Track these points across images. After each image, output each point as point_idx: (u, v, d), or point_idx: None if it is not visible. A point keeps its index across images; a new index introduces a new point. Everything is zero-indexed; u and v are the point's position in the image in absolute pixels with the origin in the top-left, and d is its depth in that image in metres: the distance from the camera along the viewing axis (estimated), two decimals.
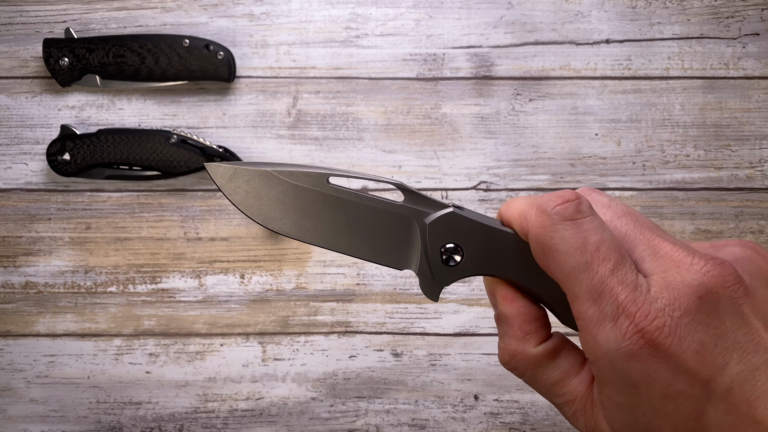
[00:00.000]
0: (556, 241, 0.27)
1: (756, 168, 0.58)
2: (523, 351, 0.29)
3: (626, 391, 0.26)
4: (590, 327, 0.26)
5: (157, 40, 0.55)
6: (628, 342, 0.25)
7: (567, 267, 0.26)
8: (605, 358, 0.26)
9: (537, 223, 0.27)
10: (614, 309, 0.26)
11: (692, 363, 0.25)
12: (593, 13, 0.57)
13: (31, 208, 0.56)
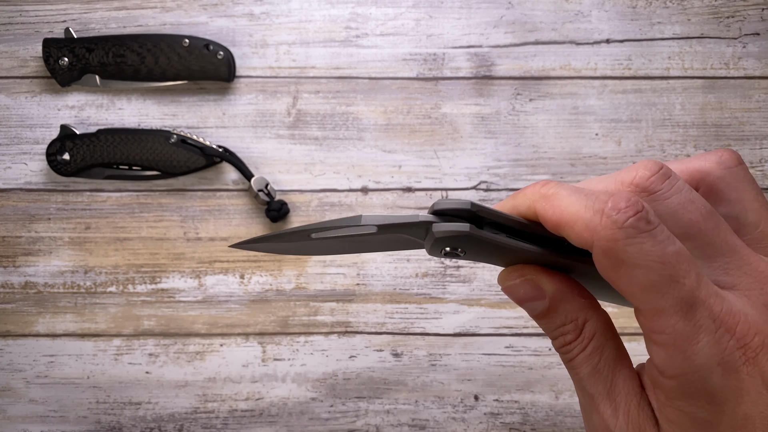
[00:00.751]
0: (633, 255, 0.24)
1: (756, 168, 0.58)
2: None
3: (710, 408, 0.24)
4: (680, 342, 0.24)
5: (157, 40, 0.55)
6: (729, 357, 0.24)
7: (647, 281, 0.24)
8: (697, 373, 0.24)
9: (607, 236, 0.24)
10: (710, 322, 0.24)
11: None
12: (593, 13, 0.57)
13: (31, 208, 0.56)
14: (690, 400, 0.25)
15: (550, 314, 0.28)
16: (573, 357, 0.28)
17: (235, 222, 0.56)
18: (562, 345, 0.28)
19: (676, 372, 0.24)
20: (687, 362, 0.24)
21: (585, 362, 0.28)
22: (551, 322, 0.28)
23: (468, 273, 0.57)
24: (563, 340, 0.28)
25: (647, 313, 0.25)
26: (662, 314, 0.24)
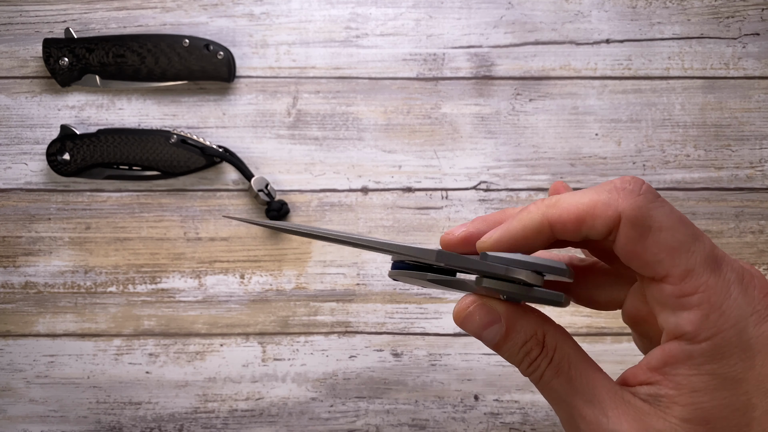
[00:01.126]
0: (659, 217, 0.25)
1: (756, 168, 0.58)
2: None
3: (743, 364, 0.24)
4: (714, 298, 0.24)
5: (157, 40, 0.55)
6: (759, 307, 0.24)
7: (675, 242, 0.25)
8: (734, 327, 0.24)
9: (633, 203, 0.25)
10: (735, 276, 0.25)
11: None
12: (593, 13, 0.57)
13: (31, 208, 0.56)
14: (723, 359, 0.24)
15: (510, 335, 0.28)
16: (543, 372, 0.28)
17: (235, 222, 0.56)
18: (529, 364, 0.28)
19: (712, 332, 0.24)
20: (723, 318, 0.24)
21: (556, 374, 0.27)
22: (513, 344, 0.28)
23: None
24: (529, 358, 0.28)
25: (677, 277, 0.25)
26: (693, 274, 0.24)
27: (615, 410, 0.26)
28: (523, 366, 0.28)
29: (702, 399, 0.25)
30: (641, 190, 0.25)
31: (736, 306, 0.24)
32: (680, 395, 0.25)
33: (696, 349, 0.25)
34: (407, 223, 0.57)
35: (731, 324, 0.24)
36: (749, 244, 0.58)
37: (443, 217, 0.57)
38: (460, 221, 0.57)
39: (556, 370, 0.27)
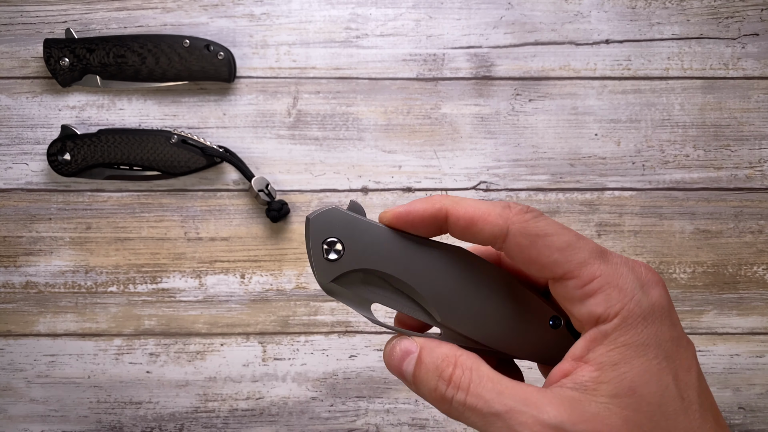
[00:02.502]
0: (544, 226, 0.29)
1: (755, 168, 0.58)
2: None
3: (647, 329, 0.27)
4: (612, 279, 0.28)
5: (158, 41, 0.55)
6: (647, 277, 0.28)
7: (563, 242, 0.28)
8: (632, 299, 0.27)
9: (520, 219, 0.29)
10: (623, 260, 0.28)
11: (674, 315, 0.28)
12: (593, 14, 0.58)
13: (32, 208, 0.56)
14: (632, 329, 0.28)
15: (422, 361, 0.30)
16: (467, 390, 0.29)
17: (235, 222, 0.57)
18: (446, 385, 0.29)
19: (617, 307, 0.28)
20: (622, 293, 0.28)
21: (481, 390, 0.29)
22: (429, 369, 0.30)
23: None
24: (444, 379, 0.29)
25: (575, 270, 0.28)
26: (587, 264, 0.28)
27: (550, 405, 0.28)
28: (440, 389, 0.29)
29: (623, 370, 0.27)
30: (527, 209, 0.29)
31: (629, 281, 0.28)
32: (603, 374, 0.27)
33: (609, 326, 0.28)
34: None
35: (629, 297, 0.28)
36: (748, 243, 0.58)
37: None
38: None
39: (480, 386, 0.29)
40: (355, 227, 0.31)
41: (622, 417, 0.27)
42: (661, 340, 0.28)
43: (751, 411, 0.58)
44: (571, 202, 0.57)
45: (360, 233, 0.31)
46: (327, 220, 0.31)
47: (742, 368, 0.58)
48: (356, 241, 0.31)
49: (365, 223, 0.31)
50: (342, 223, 0.32)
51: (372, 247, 0.32)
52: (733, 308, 0.58)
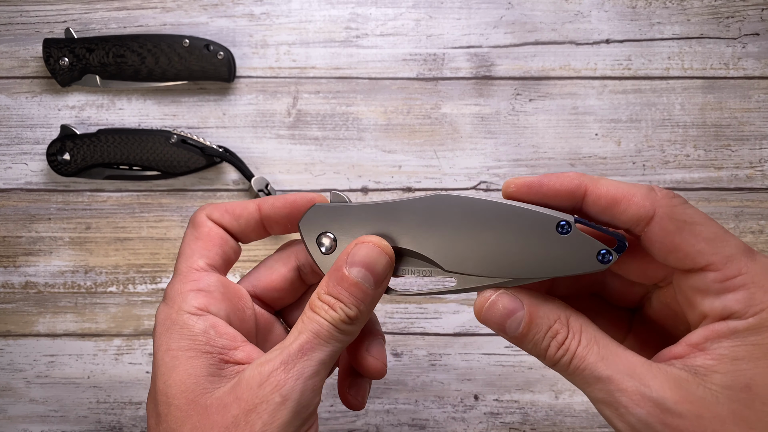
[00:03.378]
0: (692, 214, 0.28)
1: (756, 168, 0.58)
2: None
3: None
4: (758, 278, 0.27)
5: (157, 40, 0.55)
6: None
7: (711, 233, 0.28)
8: None
9: (668, 202, 0.28)
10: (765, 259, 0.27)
11: None
12: (593, 13, 0.57)
13: (31, 208, 0.56)
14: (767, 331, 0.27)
15: (534, 321, 0.29)
16: (573, 353, 0.29)
17: None
18: (557, 348, 0.29)
19: (759, 307, 0.27)
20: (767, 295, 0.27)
21: (587, 354, 0.28)
22: (537, 330, 0.29)
23: None
24: (557, 342, 0.29)
25: (719, 263, 0.27)
26: (734, 259, 0.27)
27: (655, 380, 0.27)
28: (550, 352, 0.29)
29: (744, 367, 0.26)
30: (674, 195, 0.28)
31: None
32: (720, 364, 0.27)
33: (741, 324, 0.27)
34: None
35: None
36: (749, 243, 0.58)
37: None
38: None
39: (587, 350, 0.28)
40: (339, 215, 0.33)
41: (730, 408, 0.26)
42: None
43: None
44: None
45: (346, 219, 0.33)
46: (312, 219, 0.33)
47: None
48: (345, 228, 0.33)
49: (347, 207, 0.33)
50: (327, 216, 0.33)
51: (361, 226, 0.33)
52: None
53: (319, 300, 0.32)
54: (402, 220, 0.33)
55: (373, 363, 0.35)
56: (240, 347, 0.31)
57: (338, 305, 0.31)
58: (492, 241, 0.32)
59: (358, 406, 0.36)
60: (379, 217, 0.33)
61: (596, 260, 0.30)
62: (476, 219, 0.32)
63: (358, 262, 0.31)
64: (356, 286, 0.31)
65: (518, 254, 0.31)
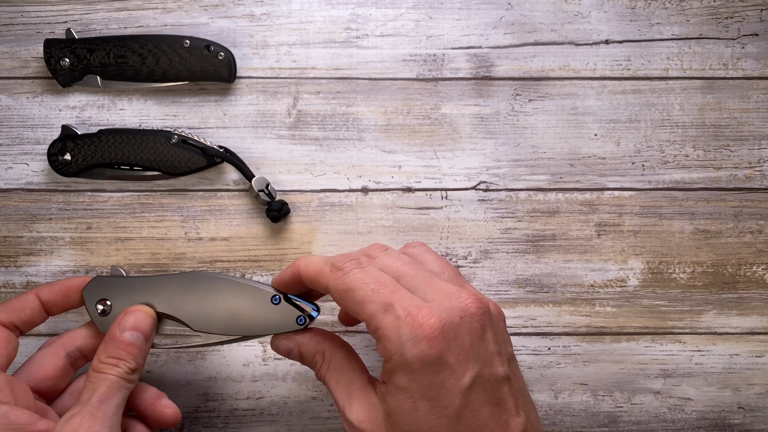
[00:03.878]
0: (349, 281, 0.38)
1: (755, 168, 0.58)
2: None
3: (406, 377, 0.36)
4: (390, 331, 0.36)
5: (158, 41, 0.55)
6: (413, 332, 0.36)
7: (361, 297, 0.38)
8: (400, 349, 0.36)
9: (333, 276, 0.39)
10: (403, 314, 0.36)
11: (453, 358, 0.36)
12: (592, 14, 0.58)
13: (32, 208, 0.56)
14: (396, 374, 0.37)
15: (303, 354, 0.44)
16: (323, 375, 0.43)
17: (236, 222, 0.57)
18: (317, 370, 0.43)
19: (393, 354, 0.37)
20: (396, 342, 0.36)
21: (331, 377, 0.42)
22: (306, 359, 0.44)
23: (468, 273, 0.57)
24: (316, 366, 0.43)
25: (368, 320, 0.38)
26: (375, 316, 0.37)
27: (357, 403, 0.40)
28: (315, 373, 0.44)
29: (388, 400, 0.38)
30: (344, 265, 0.40)
31: (402, 334, 0.36)
32: (385, 395, 0.38)
33: (386, 366, 0.38)
34: (407, 223, 0.57)
35: (396, 349, 0.36)
36: (748, 243, 0.58)
37: (443, 217, 0.57)
38: (460, 221, 0.57)
39: (330, 374, 0.42)
40: (115, 286, 0.46)
41: (386, 428, 0.38)
42: (420, 384, 0.36)
43: (751, 411, 0.58)
44: (570, 202, 0.58)
45: (120, 289, 0.46)
46: (93, 288, 0.46)
47: (741, 368, 0.58)
48: (119, 296, 0.46)
49: (121, 280, 0.46)
50: (105, 286, 0.46)
51: (130, 294, 0.46)
52: (733, 308, 0.58)
53: (101, 363, 0.42)
54: (163, 291, 0.45)
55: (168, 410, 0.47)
56: (38, 422, 0.41)
57: (121, 362, 0.43)
58: (228, 309, 0.45)
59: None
60: (145, 288, 0.46)
61: (296, 323, 0.44)
62: (218, 292, 0.45)
63: (129, 327, 0.44)
64: (132, 344, 0.43)
65: (246, 319, 0.44)
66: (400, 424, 0.37)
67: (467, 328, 0.37)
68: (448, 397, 0.36)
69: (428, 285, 0.39)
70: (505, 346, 0.40)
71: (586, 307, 0.58)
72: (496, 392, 0.37)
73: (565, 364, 0.58)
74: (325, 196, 0.57)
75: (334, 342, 0.44)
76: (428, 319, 0.36)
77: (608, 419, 0.58)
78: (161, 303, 0.45)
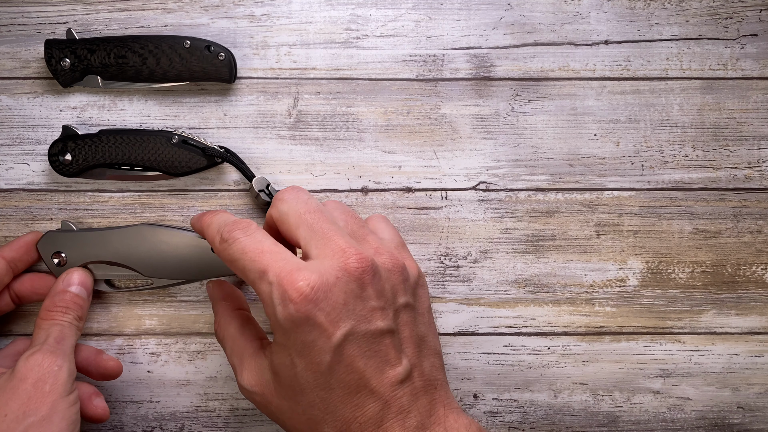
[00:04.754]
0: (232, 252, 0.42)
1: (754, 168, 0.58)
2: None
3: (284, 335, 0.39)
4: (265, 296, 0.39)
5: (159, 41, 0.55)
6: (282, 296, 0.38)
7: (241, 266, 0.41)
8: (273, 311, 0.39)
9: (221, 247, 0.43)
10: (275, 278, 0.39)
11: (322, 318, 0.38)
12: (592, 14, 0.58)
13: (33, 208, 0.57)
14: (278, 333, 0.40)
15: (213, 310, 0.50)
16: (220, 340, 0.48)
17: None
18: (215, 332, 0.49)
19: (270, 316, 0.40)
20: (270, 306, 0.39)
21: (225, 344, 0.47)
22: (214, 315, 0.50)
23: (467, 273, 0.57)
24: (215, 328, 0.49)
25: (252, 286, 0.41)
26: (255, 282, 0.40)
27: (248, 370, 0.43)
28: (214, 329, 0.49)
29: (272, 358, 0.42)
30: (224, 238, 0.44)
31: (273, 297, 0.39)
32: (270, 356, 0.42)
33: (271, 326, 0.41)
34: (407, 223, 0.57)
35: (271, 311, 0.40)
36: (747, 243, 0.58)
37: (443, 217, 0.57)
38: (460, 221, 0.57)
39: (225, 342, 0.47)
40: (68, 239, 0.52)
41: (275, 387, 0.41)
42: (294, 342, 0.39)
43: (750, 410, 0.58)
44: (570, 202, 0.58)
45: (72, 241, 0.52)
46: (47, 242, 0.53)
47: (740, 368, 0.58)
48: (71, 247, 0.52)
49: (73, 234, 0.53)
50: (58, 239, 0.52)
51: (83, 247, 0.52)
52: (732, 308, 0.58)
53: (49, 311, 0.49)
54: (113, 242, 0.52)
55: (111, 363, 0.53)
56: None
57: (69, 311, 0.49)
58: (174, 256, 0.52)
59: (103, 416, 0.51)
60: (96, 240, 0.52)
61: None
62: (163, 242, 0.52)
63: (76, 282, 0.51)
64: (78, 296, 0.50)
65: (190, 264, 0.52)
66: (283, 381, 0.40)
67: (342, 288, 0.39)
68: (319, 354, 0.38)
69: (322, 238, 0.41)
70: (395, 298, 0.42)
71: (586, 307, 0.58)
72: (375, 345, 0.39)
73: (564, 363, 0.58)
74: (326, 196, 0.57)
75: (233, 311, 0.48)
76: (296, 283, 0.38)
77: (608, 419, 0.58)
78: (113, 253, 0.51)
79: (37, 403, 0.43)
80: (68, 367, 0.46)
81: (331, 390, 0.39)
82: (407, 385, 0.40)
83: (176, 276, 0.52)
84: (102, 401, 0.50)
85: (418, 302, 0.44)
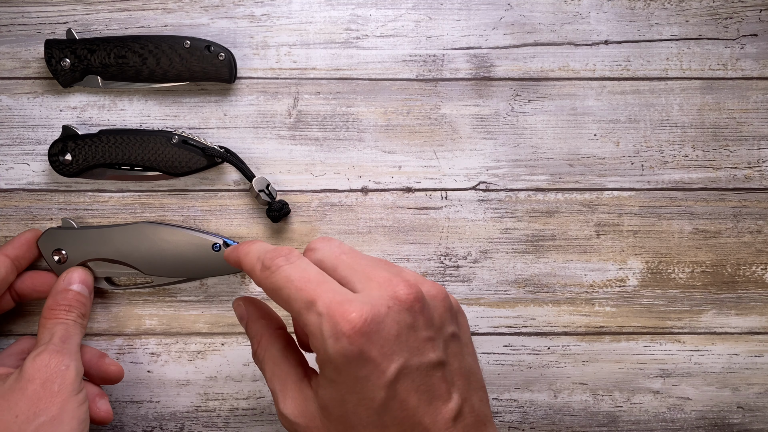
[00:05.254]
0: (276, 281, 0.39)
1: (754, 168, 0.58)
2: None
3: (335, 370, 0.37)
4: (313, 327, 0.37)
5: (159, 41, 0.55)
6: (333, 329, 0.36)
7: (286, 295, 0.39)
8: (323, 345, 0.36)
9: (263, 275, 0.40)
10: (324, 309, 0.36)
11: (375, 352, 0.36)
12: (592, 14, 0.58)
13: (33, 208, 0.57)
14: (324, 367, 0.38)
15: (247, 330, 0.46)
16: (259, 361, 0.44)
17: (236, 222, 0.57)
18: (253, 352, 0.45)
19: (318, 349, 0.37)
20: (320, 339, 0.37)
21: (266, 368, 0.43)
22: (249, 335, 0.45)
23: (467, 273, 0.57)
24: (253, 348, 0.45)
25: (296, 317, 0.39)
26: (301, 313, 0.38)
27: (291, 398, 0.40)
28: (252, 351, 0.45)
29: (321, 393, 0.39)
30: (273, 261, 0.40)
31: (323, 331, 0.37)
32: (318, 388, 0.39)
33: (317, 360, 0.39)
34: (407, 223, 0.57)
35: (320, 345, 0.37)
36: (747, 243, 0.58)
37: (443, 217, 0.57)
38: (460, 221, 0.57)
39: (265, 364, 0.43)
40: (68, 237, 0.52)
41: (322, 422, 0.39)
42: (346, 378, 0.36)
43: (750, 410, 0.58)
44: (570, 202, 0.58)
45: (72, 239, 0.52)
46: (47, 239, 0.52)
47: (740, 368, 0.58)
48: (72, 245, 0.52)
49: (74, 231, 0.53)
50: (59, 237, 0.52)
51: (83, 245, 0.52)
52: (732, 308, 0.58)
53: (53, 310, 0.49)
54: (114, 240, 0.52)
55: (112, 367, 0.52)
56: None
57: (72, 308, 0.49)
58: (174, 255, 0.52)
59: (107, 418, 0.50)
60: (97, 238, 0.52)
61: (212, 249, 0.52)
62: (164, 240, 0.52)
63: (77, 280, 0.51)
64: (80, 294, 0.51)
65: (190, 263, 0.52)
66: (333, 416, 0.38)
67: (394, 318, 0.37)
68: (372, 390, 0.36)
69: (363, 274, 0.39)
70: (443, 328, 0.39)
71: (586, 306, 0.58)
72: (427, 379, 0.37)
73: (564, 363, 0.58)
74: (326, 197, 0.57)
75: (274, 331, 0.45)
76: (349, 315, 0.36)
77: (607, 419, 0.58)
78: (114, 250, 0.51)
79: (47, 403, 0.43)
80: (75, 366, 0.46)
81: (384, 428, 0.37)
82: (459, 422, 0.38)
83: (176, 274, 0.52)
84: (106, 403, 0.50)
85: (461, 331, 0.42)
